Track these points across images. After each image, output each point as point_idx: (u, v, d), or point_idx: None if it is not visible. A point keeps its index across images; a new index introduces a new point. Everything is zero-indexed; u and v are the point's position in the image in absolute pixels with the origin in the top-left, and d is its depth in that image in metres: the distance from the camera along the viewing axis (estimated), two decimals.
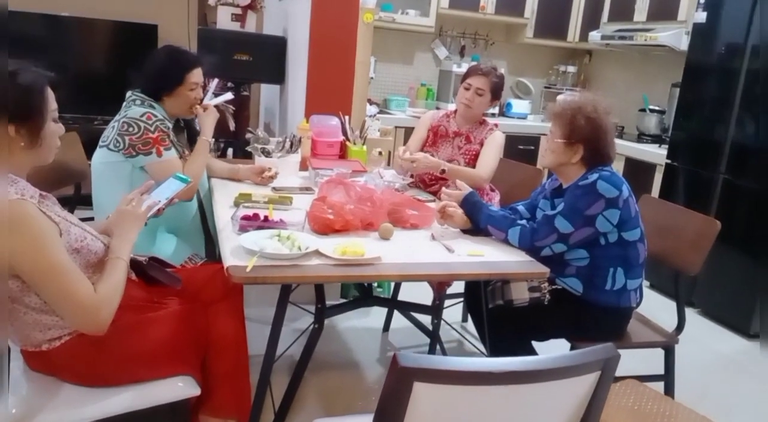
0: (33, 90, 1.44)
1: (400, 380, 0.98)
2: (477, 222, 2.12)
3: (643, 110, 4.67)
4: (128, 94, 2.36)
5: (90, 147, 2.89)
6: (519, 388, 1.03)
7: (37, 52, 4.29)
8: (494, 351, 2.15)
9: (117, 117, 2.31)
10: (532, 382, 1.03)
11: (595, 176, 2.02)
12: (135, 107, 2.28)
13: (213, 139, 2.54)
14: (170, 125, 2.35)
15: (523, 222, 2.09)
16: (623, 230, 2.04)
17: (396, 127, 4.54)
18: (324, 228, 2.01)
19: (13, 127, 1.41)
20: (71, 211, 2.98)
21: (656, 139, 4.50)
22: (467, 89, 2.82)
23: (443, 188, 2.30)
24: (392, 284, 3.21)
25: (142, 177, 2.25)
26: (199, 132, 2.50)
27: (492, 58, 5.42)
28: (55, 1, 4.31)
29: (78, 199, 2.99)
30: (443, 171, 2.68)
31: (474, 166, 2.82)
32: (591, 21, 5.10)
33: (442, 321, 2.57)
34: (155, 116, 2.27)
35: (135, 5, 4.54)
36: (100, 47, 4.62)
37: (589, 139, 2.05)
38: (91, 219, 2.42)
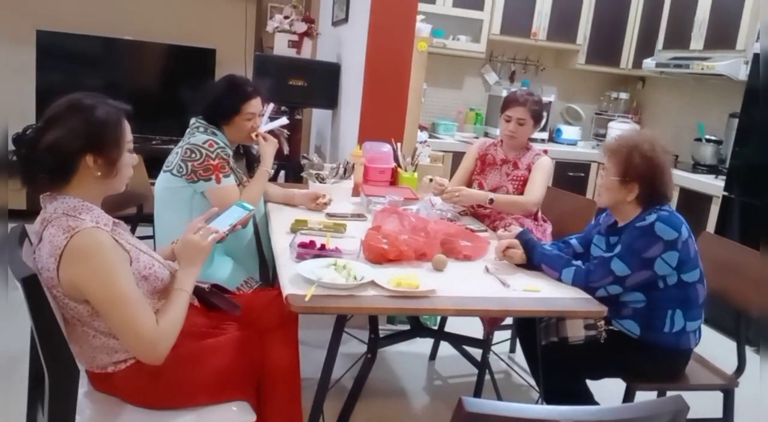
0: (109, 123, 1.50)
1: None
2: (530, 260, 2.11)
3: (699, 139, 4.57)
4: (192, 120, 2.44)
5: (149, 166, 3.00)
6: None
7: (102, 73, 4.50)
8: (548, 389, 2.11)
9: (181, 143, 2.39)
10: None
11: (653, 217, 1.97)
12: (198, 134, 2.36)
13: (272, 171, 2.58)
14: (231, 152, 2.41)
15: (578, 262, 2.05)
16: (682, 272, 1.99)
17: (444, 152, 4.55)
18: (378, 257, 2.03)
19: (91, 157, 1.48)
20: (133, 230, 3.10)
21: (712, 170, 4.39)
22: (508, 121, 2.83)
23: (499, 231, 2.31)
24: None
25: (203, 202, 2.32)
26: (258, 160, 2.55)
27: (542, 84, 5.40)
28: (118, 25, 4.51)
29: (139, 219, 3.10)
30: (491, 201, 2.68)
31: (522, 192, 2.81)
32: (645, 47, 5.03)
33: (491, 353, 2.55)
34: (217, 143, 2.34)
35: (195, 30, 4.71)
36: (160, 70, 4.79)
37: (645, 177, 2.01)
38: (151, 237, 2.51)
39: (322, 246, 2.04)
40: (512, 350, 3.25)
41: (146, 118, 4.62)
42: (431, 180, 3.13)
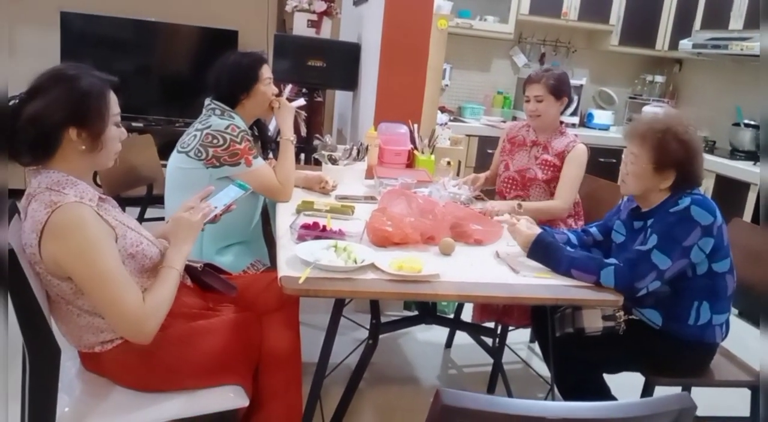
0: (92, 94, 1.45)
1: (441, 420, 0.90)
2: (554, 268, 1.84)
3: (737, 124, 4.35)
4: (206, 102, 2.36)
5: (169, 148, 2.95)
6: None
7: (126, 55, 4.50)
8: (562, 383, 1.99)
9: (197, 125, 2.29)
10: None
11: (687, 201, 1.82)
12: (216, 118, 2.27)
13: (294, 137, 2.48)
14: (250, 133, 2.35)
15: (612, 260, 1.84)
16: (713, 260, 1.85)
17: (468, 136, 4.42)
18: (382, 240, 1.94)
19: (75, 130, 1.43)
20: (143, 211, 3.07)
21: (751, 156, 4.16)
22: (528, 101, 2.73)
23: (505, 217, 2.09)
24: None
25: (221, 186, 2.23)
26: (272, 139, 2.48)
27: (574, 67, 5.22)
28: (144, 6, 4.49)
29: (150, 200, 3.07)
30: (519, 206, 2.53)
31: (550, 178, 2.68)
32: (682, 28, 4.79)
33: (507, 343, 2.45)
34: (238, 127, 2.26)
35: (218, 12, 4.66)
36: (184, 52, 4.77)
37: (682, 163, 1.85)
38: (162, 219, 2.46)
39: (324, 228, 1.96)
40: (532, 340, 3.14)
41: (171, 101, 4.62)
42: (449, 163, 3.04)
